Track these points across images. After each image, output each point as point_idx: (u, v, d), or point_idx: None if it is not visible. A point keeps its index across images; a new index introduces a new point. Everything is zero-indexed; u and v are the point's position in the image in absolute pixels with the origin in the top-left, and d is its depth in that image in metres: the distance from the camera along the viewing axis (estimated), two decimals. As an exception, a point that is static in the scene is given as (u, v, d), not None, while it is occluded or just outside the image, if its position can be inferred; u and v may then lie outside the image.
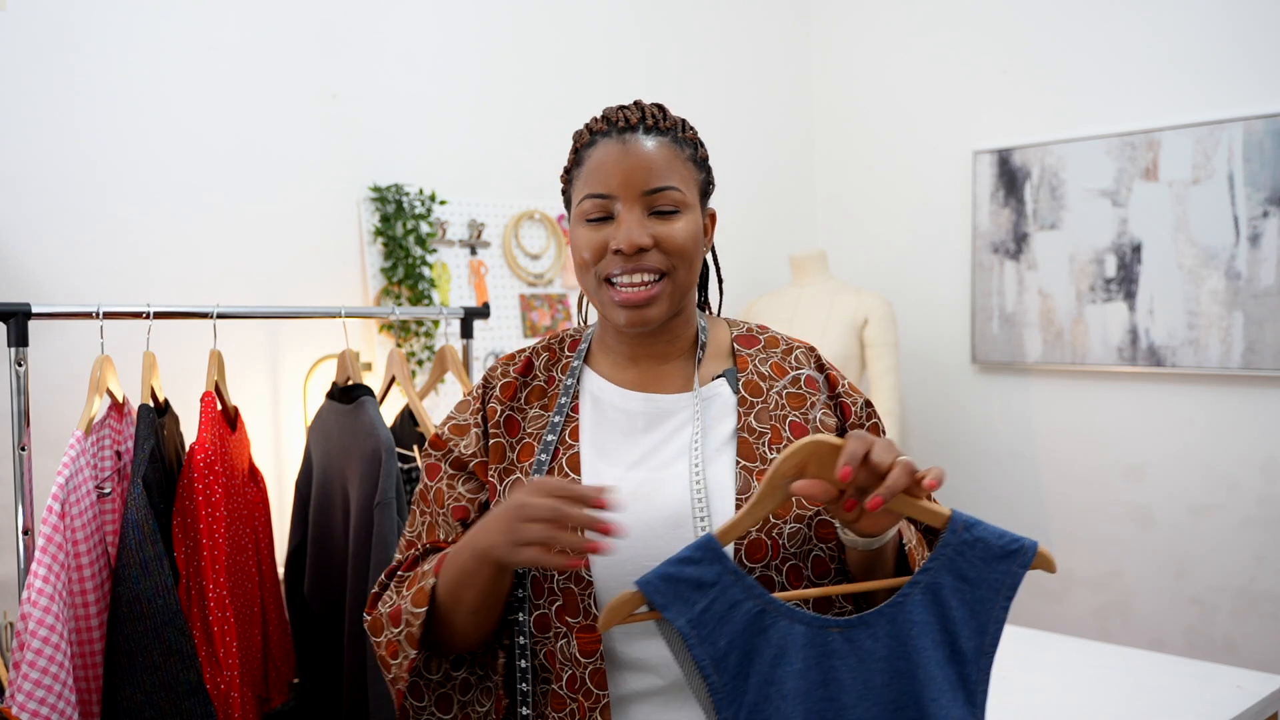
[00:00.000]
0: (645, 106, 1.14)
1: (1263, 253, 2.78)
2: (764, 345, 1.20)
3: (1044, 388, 3.26)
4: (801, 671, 0.96)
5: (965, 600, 0.98)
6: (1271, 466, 2.85)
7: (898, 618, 0.98)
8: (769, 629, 0.97)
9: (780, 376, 1.16)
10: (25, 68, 2.00)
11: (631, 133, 1.11)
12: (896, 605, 0.98)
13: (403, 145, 2.59)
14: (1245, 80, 2.82)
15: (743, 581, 0.98)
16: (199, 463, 1.64)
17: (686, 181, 1.12)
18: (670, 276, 1.10)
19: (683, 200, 1.11)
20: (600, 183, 1.10)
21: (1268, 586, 2.85)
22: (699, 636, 0.97)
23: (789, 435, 1.11)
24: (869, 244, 3.62)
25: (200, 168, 2.24)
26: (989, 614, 0.98)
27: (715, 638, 0.97)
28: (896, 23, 3.51)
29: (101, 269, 2.09)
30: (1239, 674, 1.95)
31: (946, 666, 0.97)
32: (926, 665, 0.96)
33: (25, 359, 1.59)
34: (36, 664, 1.40)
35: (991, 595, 0.98)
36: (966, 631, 0.98)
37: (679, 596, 0.97)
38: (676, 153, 1.12)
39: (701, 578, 0.97)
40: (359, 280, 2.51)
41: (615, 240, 1.09)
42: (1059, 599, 3.24)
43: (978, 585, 0.98)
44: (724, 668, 0.97)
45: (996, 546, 0.99)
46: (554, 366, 1.20)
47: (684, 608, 0.97)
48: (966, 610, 0.98)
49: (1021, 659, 2.09)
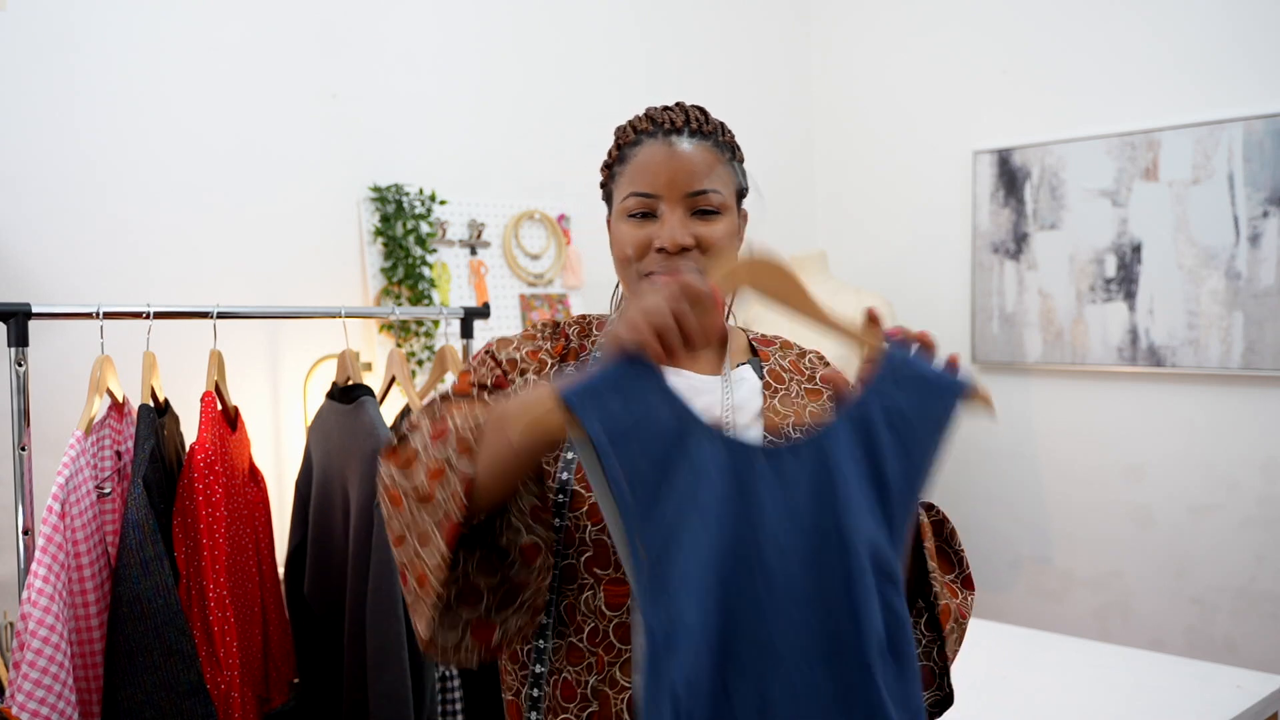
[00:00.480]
0: (689, 109, 1.18)
1: (1263, 253, 2.78)
2: (780, 346, 1.26)
3: (1044, 388, 3.26)
4: (722, 492, 0.92)
5: (894, 433, 0.95)
6: (1271, 466, 2.85)
7: (824, 445, 0.94)
8: (691, 448, 0.91)
9: (798, 374, 1.22)
10: (25, 68, 2.00)
11: (677, 135, 1.15)
12: (827, 431, 0.95)
13: (403, 145, 2.59)
14: (1245, 80, 2.82)
15: (667, 396, 0.92)
16: (199, 463, 1.64)
17: (726, 184, 1.17)
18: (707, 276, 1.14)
19: (723, 203, 1.15)
20: (646, 182, 1.14)
21: (1268, 586, 2.85)
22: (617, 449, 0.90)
23: (809, 422, 1.17)
24: (869, 244, 3.62)
25: (200, 168, 2.24)
26: (917, 448, 0.95)
27: (634, 452, 0.90)
28: (896, 23, 3.51)
29: (101, 269, 2.09)
30: (1239, 674, 1.96)
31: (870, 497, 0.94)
32: (850, 492, 0.93)
33: (25, 359, 1.59)
34: (36, 664, 1.40)
35: (921, 430, 0.95)
36: (894, 465, 0.94)
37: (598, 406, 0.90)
38: (718, 156, 1.16)
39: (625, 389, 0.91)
40: (359, 280, 2.51)
41: (659, 239, 1.13)
42: (1059, 599, 3.24)
43: (908, 418, 0.95)
44: (640, 485, 0.90)
45: (931, 380, 0.97)
46: (585, 337, 1.24)
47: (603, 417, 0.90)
48: (895, 442, 0.94)
49: (1021, 659, 2.09)
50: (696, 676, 0.88)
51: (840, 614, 0.91)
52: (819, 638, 0.91)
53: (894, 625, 0.93)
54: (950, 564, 1.17)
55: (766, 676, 0.91)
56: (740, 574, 0.91)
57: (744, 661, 0.91)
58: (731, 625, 0.91)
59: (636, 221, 1.14)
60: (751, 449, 0.94)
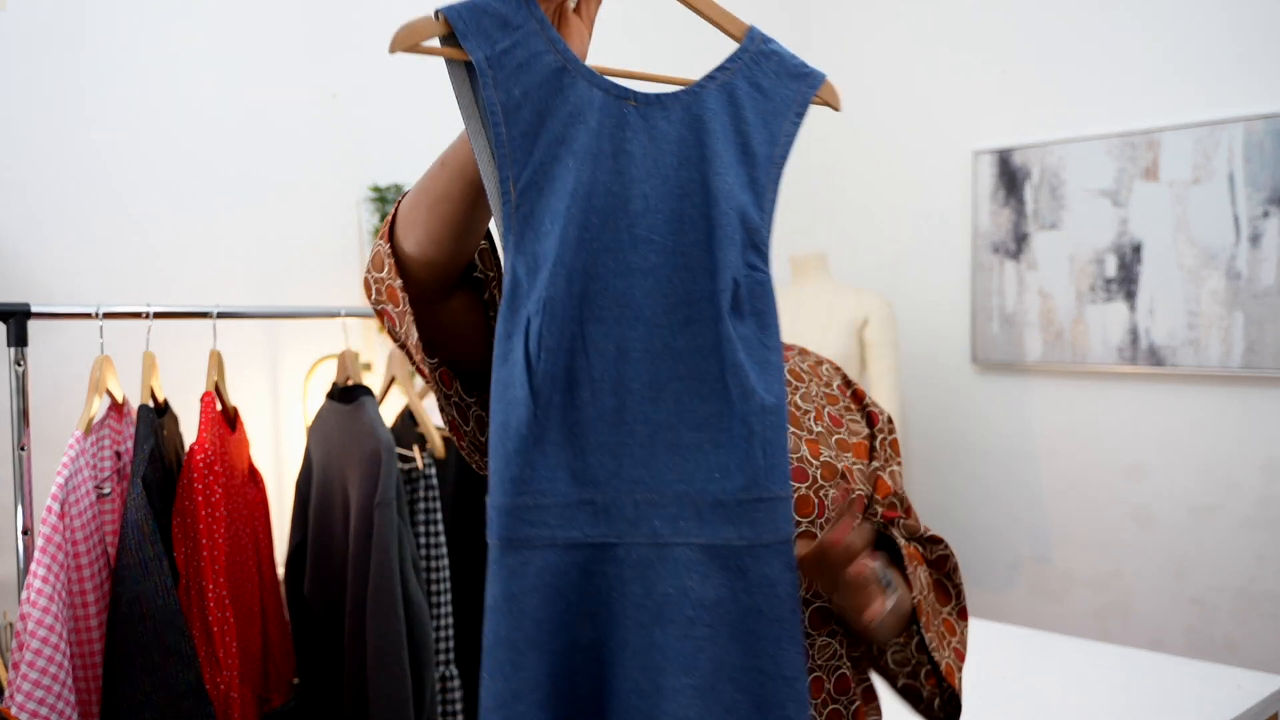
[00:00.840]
0: None
1: (1263, 253, 2.78)
2: (798, 353, 1.27)
3: (1044, 388, 3.26)
4: (595, 132, 0.90)
5: (758, 107, 0.96)
6: (1271, 466, 2.85)
7: (693, 105, 0.94)
8: (567, 88, 0.90)
9: (816, 378, 1.24)
10: (25, 68, 2.00)
11: None
12: (692, 94, 0.95)
13: (403, 145, 2.59)
14: (1245, 80, 2.82)
15: (548, 33, 0.90)
16: (199, 463, 1.64)
17: None
18: None
19: None
20: None
21: (1268, 586, 2.85)
22: (495, 78, 0.87)
23: (828, 420, 1.17)
24: (869, 244, 3.62)
25: (200, 167, 2.24)
26: (779, 125, 0.97)
27: (511, 84, 0.88)
28: (897, 23, 3.51)
29: (101, 269, 2.09)
30: (1239, 674, 1.96)
31: (737, 163, 0.95)
32: (718, 154, 0.94)
33: (25, 359, 1.59)
34: (36, 664, 1.40)
35: (782, 108, 0.97)
36: (759, 136, 0.96)
37: (481, 30, 0.88)
38: None
39: (509, 18, 0.89)
40: (359, 280, 2.51)
41: None
42: (1059, 599, 3.24)
43: (770, 96, 0.97)
44: (515, 119, 0.88)
45: (790, 64, 0.99)
46: None
47: (484, 42, 0.87)
48: (759, 117, 0.96)
49: (1021, 659, 2.09)
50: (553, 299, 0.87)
51: (700, 271, 0.92)
52: (678, 292, 0.92)
53: (755, 285, 0.94)
54: (947, 596, 1.17)
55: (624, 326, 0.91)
56: (605, 222, 0.91)
57: (602, 309, 0.90)
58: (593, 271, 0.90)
59: None
60: (625, 93, 0.92)
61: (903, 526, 1.18)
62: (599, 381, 0.90)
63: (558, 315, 0.88)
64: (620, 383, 0.91)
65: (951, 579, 1.16)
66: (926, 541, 1.17)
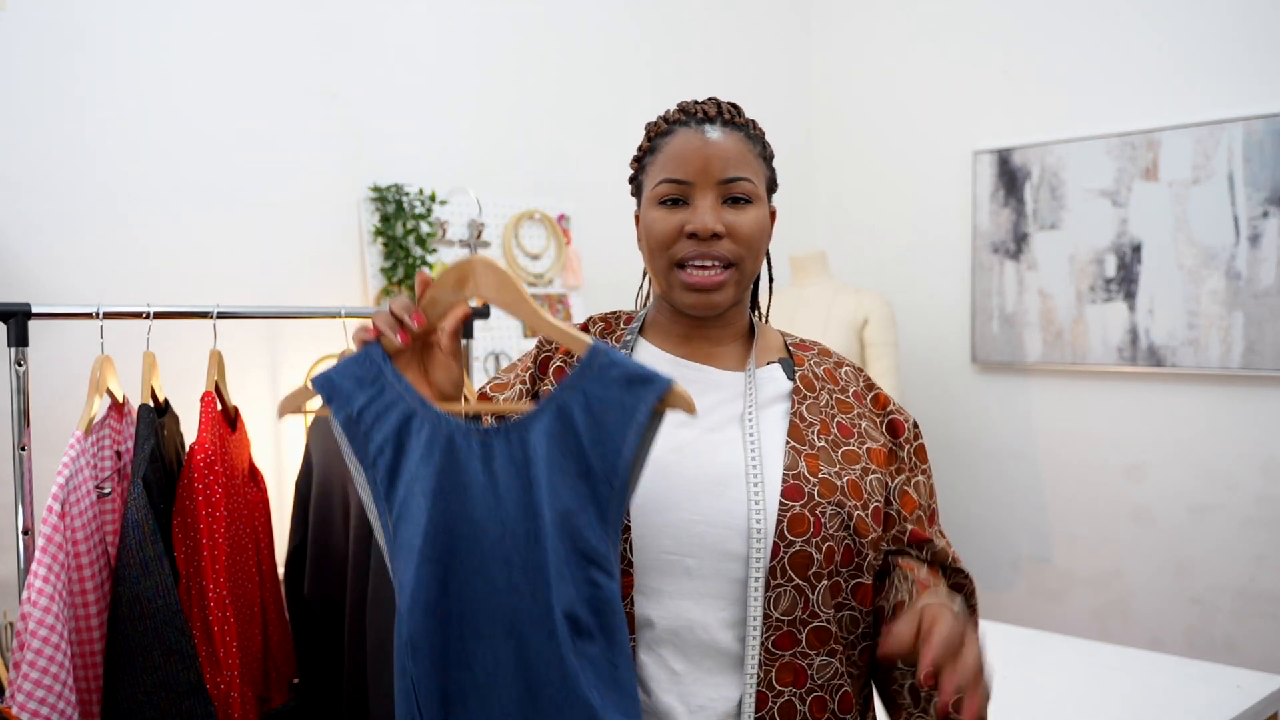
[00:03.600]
0: (721, 102, 1.19)
1: (1263, 253, 2.78)
2: (818, 353, 1.24)
3: (1044, 388, 3.26)
4: (440, 470, 0.99)
5: (595, 420, 0.99)
6: (1271, 466, 2.85)
7: (530, 427, 1.00)
8: (419, 430, 1.01)
9: (832, 382, 1.20)
10: (25, 68, 2.00)
11: (710, 124, 1.16)
12: (531, 417, 1.00)
13: (403, 145, 2.59)
14: (1245, 80, 2.82)
15: (400, 384, 1.02)
16: (199, 463, 1.63)
17: (758, 175, 1.17)
18: (738, 266, 1.14)
19: (754, 192, 1.15)
20: (678, 168, 1.14)
21: (1268, 586, 2.85)
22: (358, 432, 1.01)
23: (836, 431, 1.15)
24: (869, 244, 3.62)
25: (200, 167, 2.24)
26: (621, 437, 0.98)
27: (372, 434, 1.01)
28: (897, 23, 3.51)
29: (101, 269, 2.09)
30: (1239, 674, 1.96)
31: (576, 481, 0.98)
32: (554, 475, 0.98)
33: (25, 359, 1.59)
34: (36, 664, 1.40)
35: (623, 418, 0.98)
36: (596, 451, 0.98)
37: (342, 393, 1.02)
38: (750, 147, 1.16)
39: (364, 377, 1.02)
40: (359, 280, 2.51)
41: (691, 224, 1.12)
42: (1059, 599, 3.24)
43: (609, 407, 0.99)
44: (379, 464, 1.01)
45: (631, 372, 1.00)
46: (609, 336, 1.25)
47: (345, 404, 1.02)
48: (595, 430, 0.98)
49: (1021, 659, 2.09)
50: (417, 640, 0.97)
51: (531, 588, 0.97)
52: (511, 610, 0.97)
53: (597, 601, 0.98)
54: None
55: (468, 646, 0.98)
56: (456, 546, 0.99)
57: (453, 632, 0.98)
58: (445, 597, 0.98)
59: (668, 208, 1.14)
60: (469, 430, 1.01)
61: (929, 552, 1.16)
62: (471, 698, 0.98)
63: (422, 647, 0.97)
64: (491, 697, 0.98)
65: (968, 602, 1.16)
66: (951, 571, 1.16)
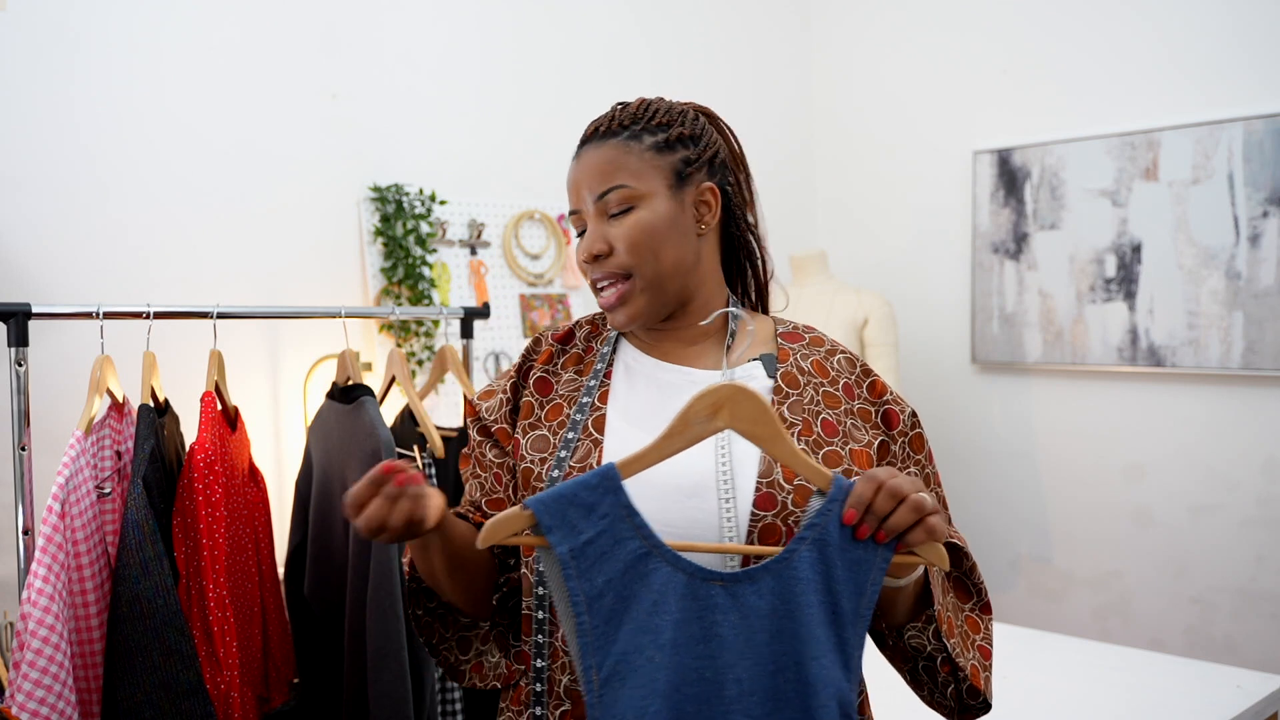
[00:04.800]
0: (615, 109, 1.17)
1: (1263, 253, 2.78)
2: (809, 343, 1.19)
3: (1044, 388, 3.26)
4: (680, 622, 0.92)
5: (848, 558, 0.94)
6: (1271, 466, 2.85)
7: (784, 574, 0.94)
8: (650, 574, 0.93)
9: (820, 375, 1.16)
10: (25, 68, 2.00)
11: (586, 144, 1.16)
12: (784, 561, 0.94)
13: (403, 145, 2.59)
14: (1245, 80, 2.82)
15: (634, 519, 0.94)
16: (199, 463, 1.64)
17: (640, 173, 1.12)
18: (635, 275, 1.12)
19: (633, 194, 1.12)
20: (570, 199, 1.18)
21: (1268, 586, 2.85)
22: (578, 568, 0.92)
23: (819, 431, 1.11)
24: (869, 244, 3.62)
25: (200, 168, 2.24)
26: (867, 574, 0.95)
27: (594, 573, 0.92)
28: (896, 23, 3.51)
29: (101, 269, 2.09)
30: (1239, 674, 1.96)
31: (828, 628, 0.94)
32: (809, 624, 0.93)
33: (25, 359, 1.59)
34: (36, 664, 1.40)
35: (870, 555, 0.95)
36: (847, 591, 0.94)
37: (566, 522, 0.92)
38: (628, 148, 1.13)
39: (594, 506, 0.93)
40: (359, 280, 2.51)
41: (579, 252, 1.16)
42: (1059, 599, 3.24)
43: (857, 544, 0.95)
44: (597, 608, 0.92)
45: None
46: (594, 338, 1.24)
47: (569, 534, 0.92)
48: (849, 569, 0.94)
49: (1021, 659, 2.09)
50: None
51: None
52: None
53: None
54: (968, 593, 1.16)
55: None
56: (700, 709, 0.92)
57: None
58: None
59: (580, 237, 1.17)
60: (710, 576, 0.94)
61: None
62: None
63: None
64: None
65: (970, 577, 1.15)
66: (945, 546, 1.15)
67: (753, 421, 0.97)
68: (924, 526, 0.95)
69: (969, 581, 1.15)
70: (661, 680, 0.91)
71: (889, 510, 0.94)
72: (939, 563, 0.96)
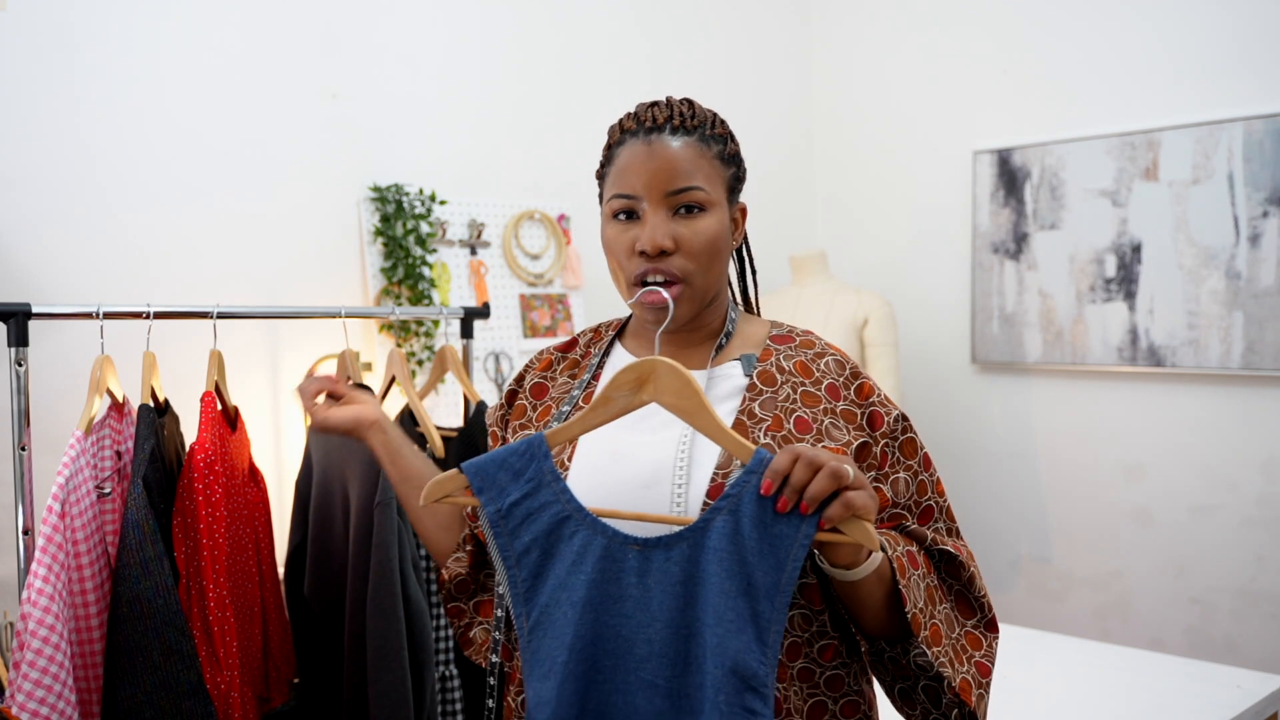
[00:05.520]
0: (674, 104, 1.14)
1: (1263, 253, 2.78)
2: (797, 345, 1.18)
3: (1044, 388, 3.26)
4: (594, 582, 0.97)
5: (769, 532, 0.94)
6: (1271, 466, 2.85)
7: (698, 542, 0.96)
8: (572, 535, 0.99)
9: (802, 375, 1.14)
10: (25, 68, 2.00)
11: (658, 133, 1.11)
12: (699, 530, 0.96)
13: (403, 145, 2.59)
14: (1245, 80, 2.82)
15: (557, 484, 1.01)
16: (199, 463, 1.63)
17: (711, 180, 1.12)
18: (689, 282, 1.11)
19: (706, 199, 1.11)
20: (626, 183, 1.11)
21: (1268, 586, 2.85)
22: (506, 527, 1.00)
23: (790, 427, 1.09)
24: (869, 244, 3.62)
25: (200, 168, 2.24)
26: (788, 550, 0.93)
27: (521, 531, 1.00)
28: (896, 22, 3.51)
29: (101, 269, 2.09)
30: (1239, 674, 1.96)
31: (739, 598, 0.93)
32: (715, 594, 0.94)
33: (25, 359, 1.59)
34: (36, 664, 1.40)
35: (791, 530, 0.93)
36: (763, 565, 0.94)
37: (495, 484, 1.00)
38: (702, 151, 1.12)
39: (520, 470, 1.01)
40: (359, 280, 2.51)
41: (640, 241, 1.10)
42: (1059, 599, 3.24)
43: (779, 518, 0.94)
44: (524, 563, 1.00)
45: None
46: (593, 344, 1.26)
47: (497, 495, 1.00)
48: (768, 542, 0.94)
49: (1021, 659, 2.09)
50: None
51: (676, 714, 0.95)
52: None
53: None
54: (971, 609, 1.11)
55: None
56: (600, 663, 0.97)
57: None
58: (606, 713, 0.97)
59: (622, 224, 1.12)
60: (628, 539, 0.98)
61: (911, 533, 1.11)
62: None
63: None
64: None
65: (971, 590, 1.11)
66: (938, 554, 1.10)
67: (676, 394, 1.00)
68: (842, 500, 0.91)
69: (970, 595, 1.11)
70: (570, 634, 0.97)
71: (806, 480, 0.92)
72: (867, 542, 0.93)
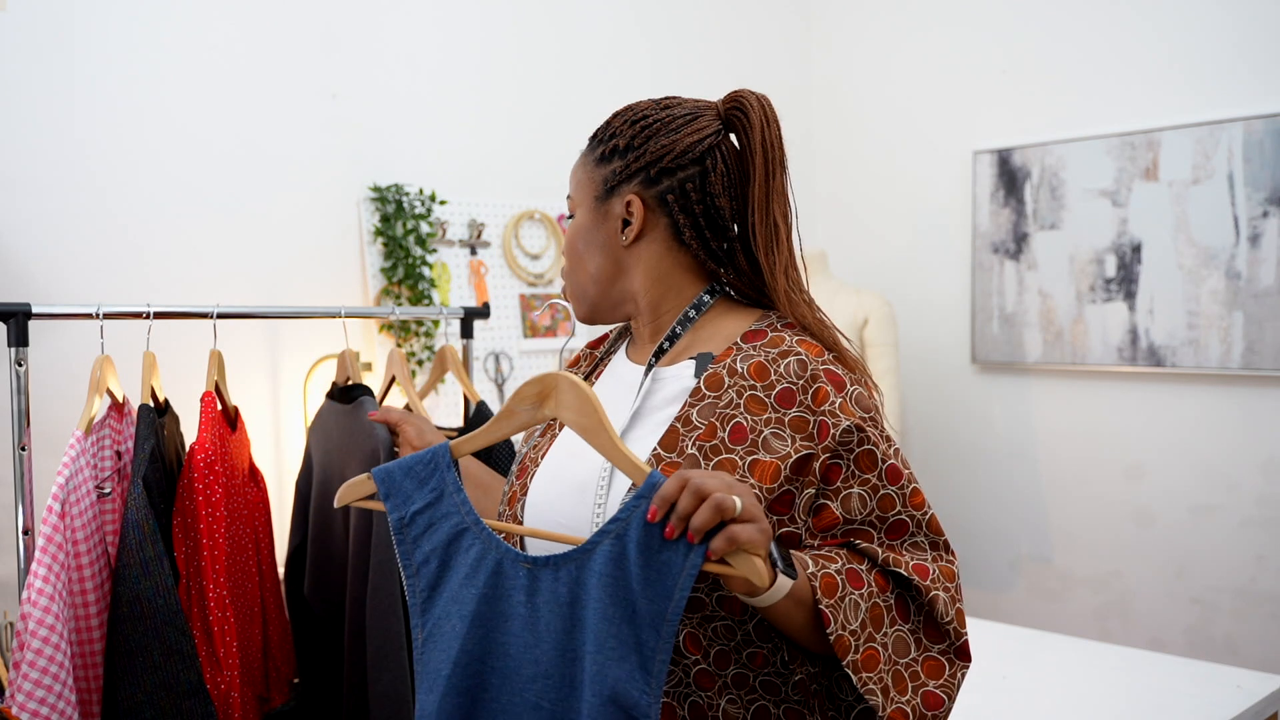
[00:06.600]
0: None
1: (1263, 253, 2.78)
2: (766, 343, 1.09)
3: (1044, 388, 3.26)
4: (484, 598, 0.97)
5: (656, 559, 0.91)
6: (1271, 466, 2.85)
7: (584, 564, 0.94)
8: (469, 548, 0.99)
9: (754, 378, 1.06)
10: (25, 68, 2.00)
11: None
12: (585, 552, 0.94)
13: (403, 145, 2.59)
14: (1245, 80, 2.82)
15: (458, 496, 1.01)
16: (199, 463, 1.63)
17: (581, 184, 1.20)
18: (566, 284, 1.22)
19: (573, 205, 1.21)
20: None
21: (1268, 586, 2.85)
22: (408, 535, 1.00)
23: (724, 435, 1.04)
24: (869, 244, 3.62)
25: (200, 168, 2.24)
26: (675, 578, 0.90)
27: (421, 541, 1.00)
28: (897, 22, 3.51)
29: (101, 269, 2.09)
30: (1239, 674, 1.96)
31: (622, 625, 0.91)
32: (596, 619, 0.92)
33: (25, 359, 1.59)
34: (36, 664, 1.40)
35: (678, 558, 0.90)
36: (648, 592, 0.90)
37: (400, 491, 1.01)
38: (583, 160, 1.22)
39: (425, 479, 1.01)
40: (359, 280, 2.51)
41: None
42: (1059, 599, 3.24)
43: (667, 545, 0.90)
44: (422, 574, 1.00)
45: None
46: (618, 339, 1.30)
47: (401, 503, 1.01)
48: (653, 570, 0.91)
49: (1021, 659, 2.09)
50: None
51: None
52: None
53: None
54: (940, 634, 1.03)
55: None
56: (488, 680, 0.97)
57: None
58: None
59: None
60: (520, 557, 0.98)
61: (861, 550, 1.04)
62: None
63: None
64: None
65: (933, 614, 1.03)
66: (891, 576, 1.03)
67: (576, 411, 1.00)
68: (726, 534, 0.87)
69: (934, 620, 1.03)
70: (456, 648, 0.97)
71: (691, 509, 0.88)
72: (753, 577, 0.89)
